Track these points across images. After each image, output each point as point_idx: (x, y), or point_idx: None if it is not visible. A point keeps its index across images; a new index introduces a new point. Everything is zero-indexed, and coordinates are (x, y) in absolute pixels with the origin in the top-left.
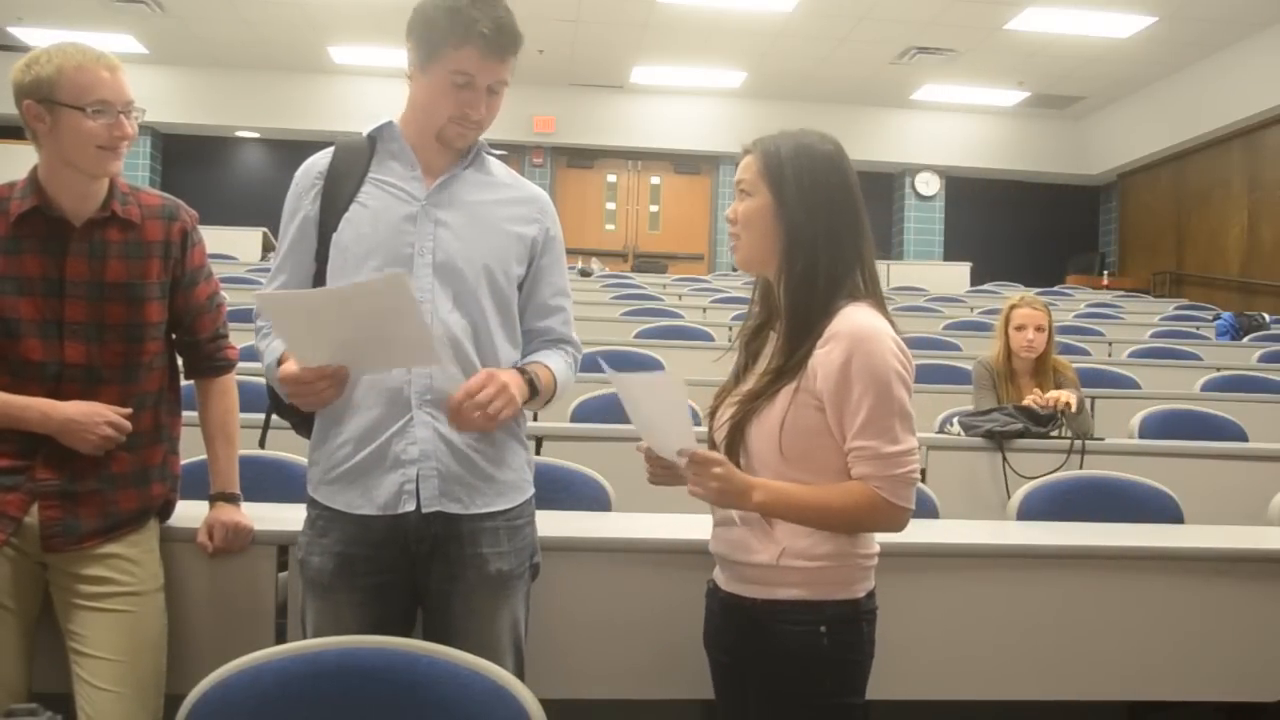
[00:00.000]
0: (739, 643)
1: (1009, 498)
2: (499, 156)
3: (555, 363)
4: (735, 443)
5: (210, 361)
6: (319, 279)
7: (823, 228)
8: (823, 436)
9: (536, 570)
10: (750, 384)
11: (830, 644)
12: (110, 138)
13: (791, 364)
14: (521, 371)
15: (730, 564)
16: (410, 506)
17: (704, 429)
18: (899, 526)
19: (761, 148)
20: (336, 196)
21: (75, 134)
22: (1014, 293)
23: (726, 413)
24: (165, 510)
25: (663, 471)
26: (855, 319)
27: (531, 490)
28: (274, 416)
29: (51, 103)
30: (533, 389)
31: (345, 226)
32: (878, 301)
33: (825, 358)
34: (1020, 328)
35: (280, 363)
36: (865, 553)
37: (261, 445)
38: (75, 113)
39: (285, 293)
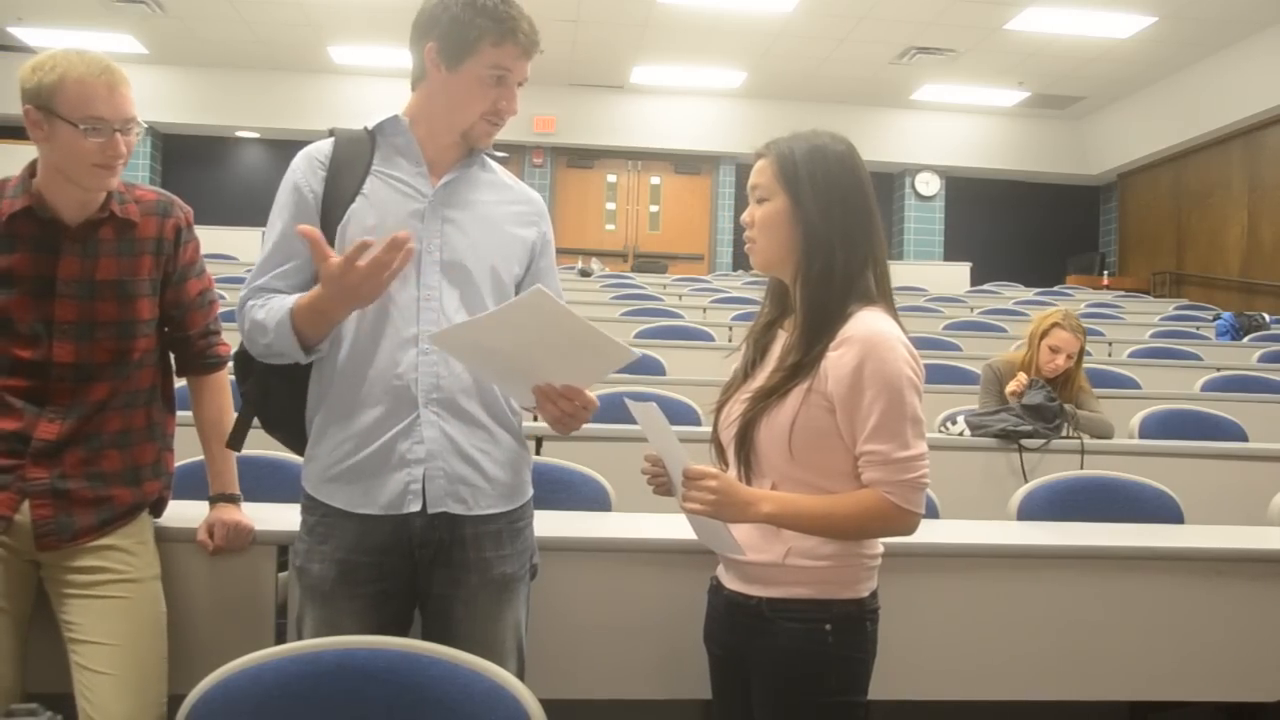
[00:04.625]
0: (742, 640)
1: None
2: (501, 158)
3: None
4: (744, 441)
5: (201, 359)
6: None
7: (838, 228)
8: (832, 439)
9: (535, 571)
10: (761, 380)
11: (835, 643)
12: (104, 156)
13: (806, 361)
14: None
15: (735, 562)
16: (416, 506)
17: (710, 428)
18: (909, 531)
19: (775, 151)
20: (341, 187)
21: (69, 148)
22: (1013, 292)
23: (736, 410)
24: (158, 506)
25: (665, 480)
26: (868, 323)
27: (531, 492)
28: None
29: (49, 111)
30: None
31: (350, 219)
32: (889, 304)
33: (837, 361)
34: (1055, 349)
35: (295, 316)
36: (870, 553)
37: (237, 448)
38: (69, 126)
39: (454, 326)
